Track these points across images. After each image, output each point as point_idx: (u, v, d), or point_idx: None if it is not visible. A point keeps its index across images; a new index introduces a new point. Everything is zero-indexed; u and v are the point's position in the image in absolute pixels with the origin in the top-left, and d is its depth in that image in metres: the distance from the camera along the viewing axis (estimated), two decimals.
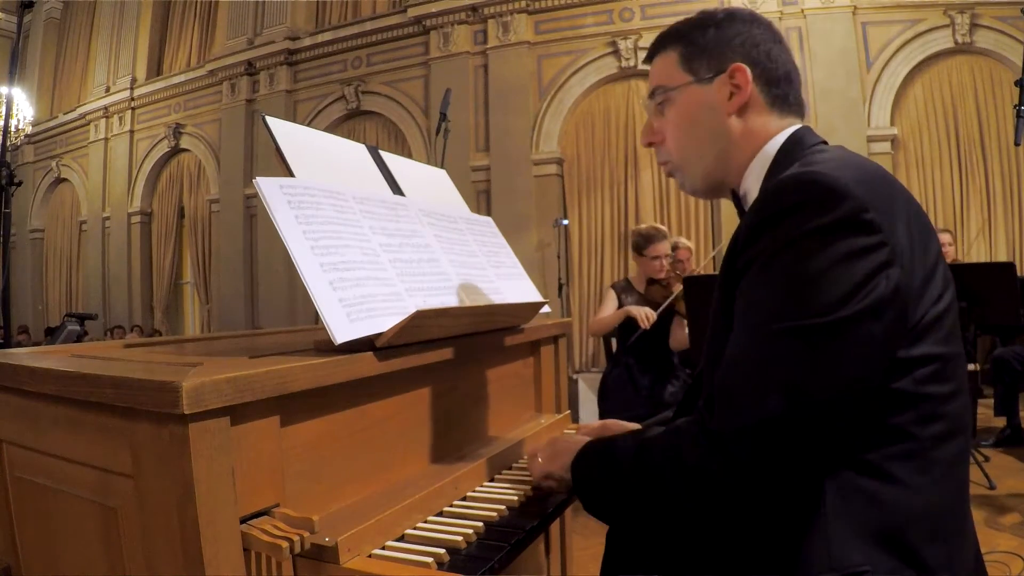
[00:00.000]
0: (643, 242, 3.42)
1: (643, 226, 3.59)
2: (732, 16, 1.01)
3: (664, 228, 3.53)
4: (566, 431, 1.61)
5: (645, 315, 3.25)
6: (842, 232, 0.76)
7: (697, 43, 1.01)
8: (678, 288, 3.30)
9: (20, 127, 10.27)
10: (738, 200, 1.04)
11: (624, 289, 3.52)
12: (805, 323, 0.75)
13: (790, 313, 0.77)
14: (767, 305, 0.79)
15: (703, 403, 0.85)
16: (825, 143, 0.98)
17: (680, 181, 1.09)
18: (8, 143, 2.49)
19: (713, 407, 0.81)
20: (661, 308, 3.30)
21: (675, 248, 4.11)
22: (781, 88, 0.99)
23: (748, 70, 0.97)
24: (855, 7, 6.78)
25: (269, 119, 1.16)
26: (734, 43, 0.99)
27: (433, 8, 8.25)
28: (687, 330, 3.36)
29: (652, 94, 1.06)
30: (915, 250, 0.80)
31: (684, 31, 1.03)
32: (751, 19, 1.01)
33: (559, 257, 6.78)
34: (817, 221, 0.77)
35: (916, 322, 0.79)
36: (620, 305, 3.46)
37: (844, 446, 0.79)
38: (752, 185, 0.99)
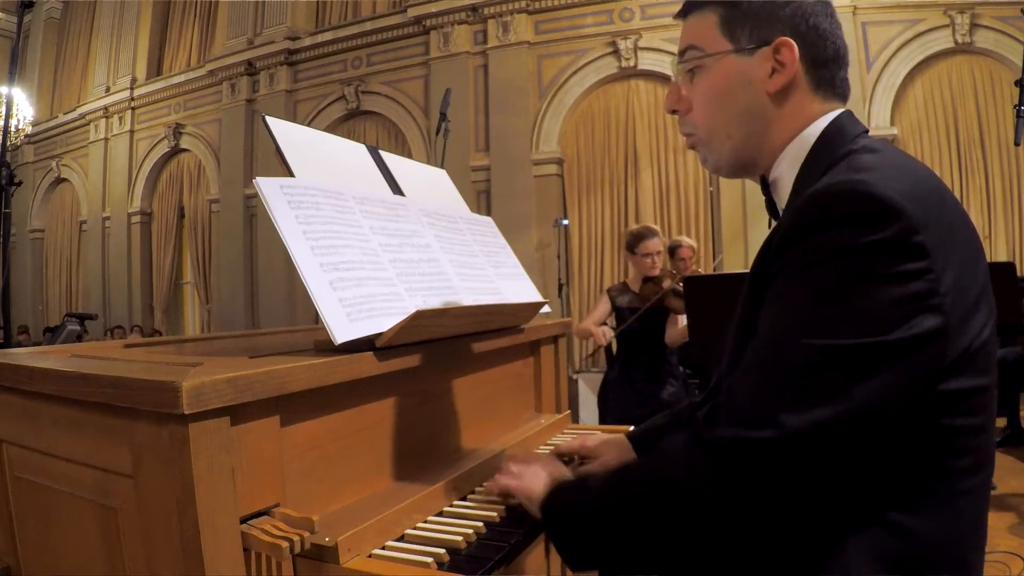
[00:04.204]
0: (634, 240, 3.49)
1: (635, 226, 3.69)
2: None
3: (655, 227, 3.60)
4: (566, 431, 1.61)
5: (602, 333, 3.36)
6: (889, 253, 0.70)
7: (741, 7, 0.89)
8: (668, 284, 3.33)
9: (20, 127, 10.27)
10: (766, 186, 0.95)
11: (620, 291, 3.56)
12: (837, 342, 0.70)
13: (821, 329, 0.71)
14: (797, 316, 0.73)
15: (703, 415, 0.80)
16: (867, 132, 0.89)
17: (703, 156, 0.98)
18: (8, 143, 2.49)
19: (717, 417, 0.76)
20: (644, 307, 3.33)
21: (678, 247, 4.12)
22: (828, 69, 0.89)
23: (795, 46, 0.86)
24: (855, 7, 6.78)
25: (269, 119, 1.16)
26: (783, 13, 0.88)
27: (433, 8, 8.25)
28: (679, 325, 3.38)
29: (683, 55, 0.95)
30: (963, 276, 0.74)
31: None
32: None
33: (559, 257, 6.78)
34: (864, 238, 0.70)
35: (960, 352, 0.74)
36: (614, 307, 3.49)
37: (871, 475, 0.75)
38: (785, 172, 0.91)
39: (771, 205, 0.96)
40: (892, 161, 0.80)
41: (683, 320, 3.34)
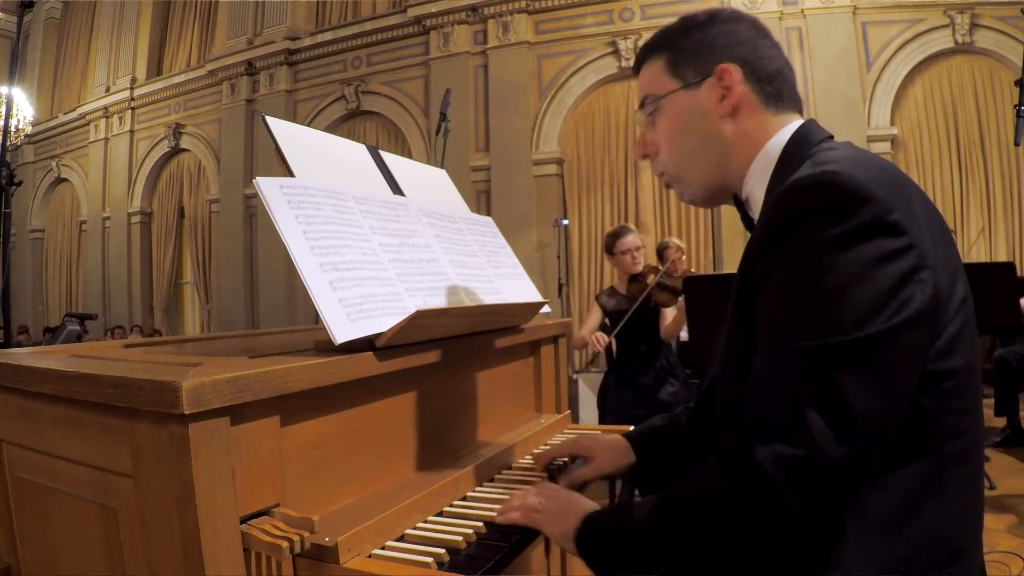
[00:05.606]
0: (611, 241, 3.49)
1: (610, 228, 3.70)
2: (714, 17, 0.98)
3: (630, 225, 3.62)
4: (566, 431, 1.61)
5: (596, 339, 3.32)
6: (868, 236, 0.71)
7: (681, 48, 0.98)
8: (652, 280, 3.33)
9: (20, 127, 10.28)
10: (741, 204, 1.00)
11: (608, 295, 3.56)
12: (843, 339, 0.70)
13: (824, 329, 0.71)
14: (796, 321, 0.74)
15: (736, 437, 0.78)
16: (831, 138, 0.93)
17: (679, 192, 1.05)
18: (8, 143, 2.49)
19: (749, 439, 0.75)
20: (633, 307, 3.32)
21: (665, 248, 4.13)
22: (774, 84, 0.95)
23: (736, 69, 0.93)
24: (855, 7, 6.79)
25: (269, 119, 1.16)
26: (718, 44, 0.95)
27: (433, 8, 8.25)
28: (669, 320, 3.38)
29: (642, 104, 1.03)
30: (938, 253, 0.75)
31: (667, 37, 1.01)
32: (734, 17, 0.98)
33: (559, 257, 6.78)
34: (841, 226, 0.72)
35: (942, 331, 0.75)
36: (605, 313, 3.49)
37: (867, 468, 0.74)
38: (756, 187, 0.95)
39: (748, 221, 0.99)
40: (854, 155, 0.84)
41: (672, 313, 3.36)
